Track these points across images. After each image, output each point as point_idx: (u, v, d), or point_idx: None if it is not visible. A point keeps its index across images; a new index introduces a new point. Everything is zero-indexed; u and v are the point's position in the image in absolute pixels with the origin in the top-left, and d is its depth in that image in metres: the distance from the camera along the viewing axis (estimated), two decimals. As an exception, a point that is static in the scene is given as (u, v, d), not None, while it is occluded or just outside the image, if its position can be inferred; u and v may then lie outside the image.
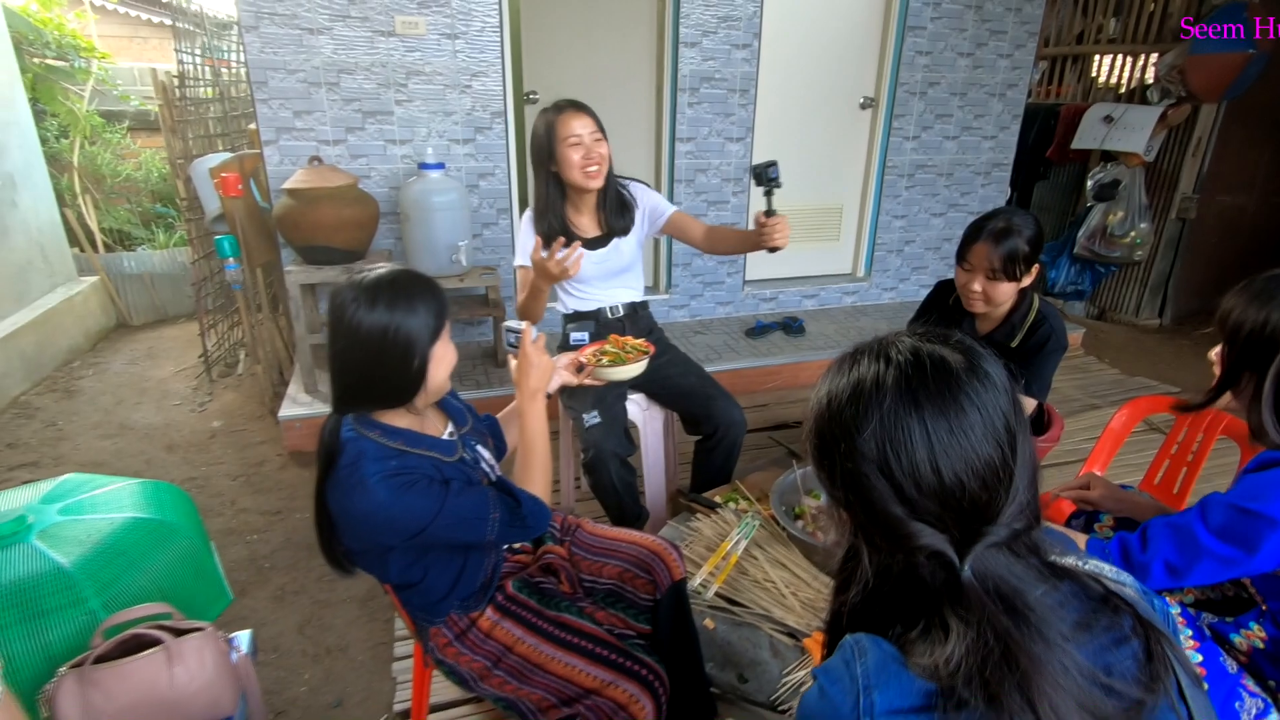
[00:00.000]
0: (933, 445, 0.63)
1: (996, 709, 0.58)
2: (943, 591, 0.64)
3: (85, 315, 4.14)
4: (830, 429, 0.69)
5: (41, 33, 4.63)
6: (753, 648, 1.41)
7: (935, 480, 0.63)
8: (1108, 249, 4.29)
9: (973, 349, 0.68)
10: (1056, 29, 4.86)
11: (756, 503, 1.81)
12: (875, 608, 0.70)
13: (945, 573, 0.64)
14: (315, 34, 2.97)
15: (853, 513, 0.69)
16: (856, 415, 0.66)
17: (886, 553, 0.68)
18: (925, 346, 0.68)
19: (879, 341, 0.71)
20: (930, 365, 0.66)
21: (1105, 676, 0.61)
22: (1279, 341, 1.08)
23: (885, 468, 0.65)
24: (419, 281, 1.18)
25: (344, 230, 2.84)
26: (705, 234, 2.12)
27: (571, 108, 1.92)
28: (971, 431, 0.64)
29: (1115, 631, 0.65)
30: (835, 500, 0.71)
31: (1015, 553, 0.65)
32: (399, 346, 1.13)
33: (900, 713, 0.61)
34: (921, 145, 4.06)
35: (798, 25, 3.69)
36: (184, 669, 1.13)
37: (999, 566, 0.63)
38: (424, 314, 1.15)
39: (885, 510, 0.65)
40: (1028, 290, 1.79)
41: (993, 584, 0.63)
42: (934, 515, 0.64)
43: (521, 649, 1.31)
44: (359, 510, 1.13)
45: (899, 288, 4.37)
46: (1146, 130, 4.01)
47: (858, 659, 0.64)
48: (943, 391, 0.65)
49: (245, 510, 2.55)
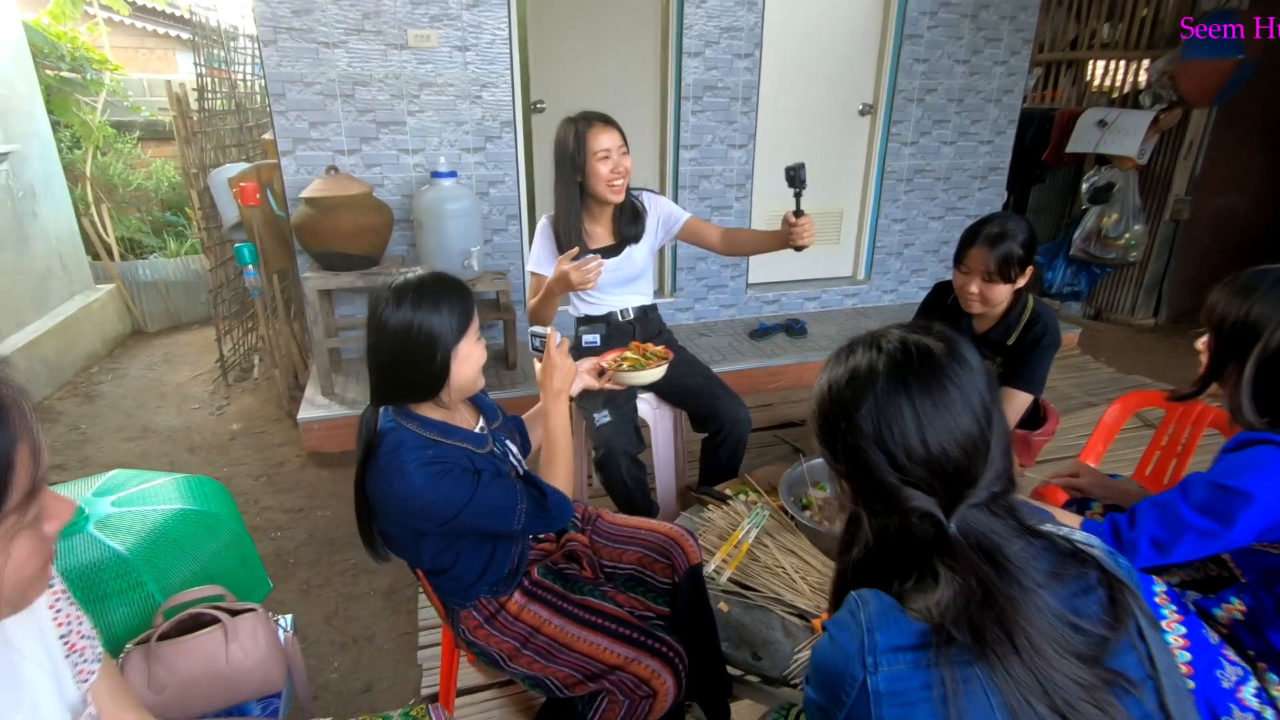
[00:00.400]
0: (920, 420, 0.73)
1: (980, 643, 0.68)
2: (933, 546, 0.74)
3: (103, 322, 4.23)
4: (832, 410, 0.79)
5: (56, 46, 4.73)
6: (765, 628, 1.49)
7: (923, 450, 0.73)
8: (1103, 250, 4.39)
9: (952, 338, 0.79)
10: (1051, 35, 4.97)
11: (765, 495, 1.89)
12: (874, 566, 0.80)
13: (934, 530, 0.74)
14: (331, 48, 3.07)
15: (854, 483, 0.80)
16: (854, 397, 0.76)
17: (883, 516, 0.77)
18: (911, 337, 0.78)
19: (871, 335, 0.81)
20: (916, 352, 0.76)
21: (1074, 617, 0.71)
22: (1259, 332, 1.17)
23: (880, 441, 0.74)
24: (445, 283, 1.26)
25: (360, 237, 2.93)
26: (722, 237, 2.20)
27: (601, 121, 1.98)
28: (953, 407, 0.73)
29: (1083, 581, 0.74)
30: (837, 473, 0.82)
31: (994, 513, 0.75)
32: (421, 343, 1.22)
33: (899, 650, 0.70)
34: (919, 150, 4.16)
35: (798, 35, 3.79)
36: (239, 646, 1.21)
37: (980, 524, 0.73)
38: (447, 313, 1.23)
39: (881, 479, 0.75)
40: (1022, 291, 1.88)
41: (975, 538, 0.72)
42: (923, 481, 0.74)
43: (549, 630, 1.39)
44: (397, 495, 1.21)
45: (899, 290, 4.46)
46: (1139, 134, 4.11)
47: (861, 608, 0.73)
48: (927, 374, 0.75)
49: (268, 508, 2.63)
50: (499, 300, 3.40)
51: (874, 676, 0.69)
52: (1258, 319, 1.17)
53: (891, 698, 0.69)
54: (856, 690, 0.70)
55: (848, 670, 0.71)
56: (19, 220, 3.64)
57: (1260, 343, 1.15)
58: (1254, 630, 1.24)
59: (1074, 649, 0.69)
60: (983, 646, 0.68)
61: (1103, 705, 0.67)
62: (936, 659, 0.69)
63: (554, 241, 2.10)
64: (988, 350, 1.95)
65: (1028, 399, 1.90)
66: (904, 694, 0.69)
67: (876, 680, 0.69)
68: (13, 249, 3.56)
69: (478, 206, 3.23)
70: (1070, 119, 4.51)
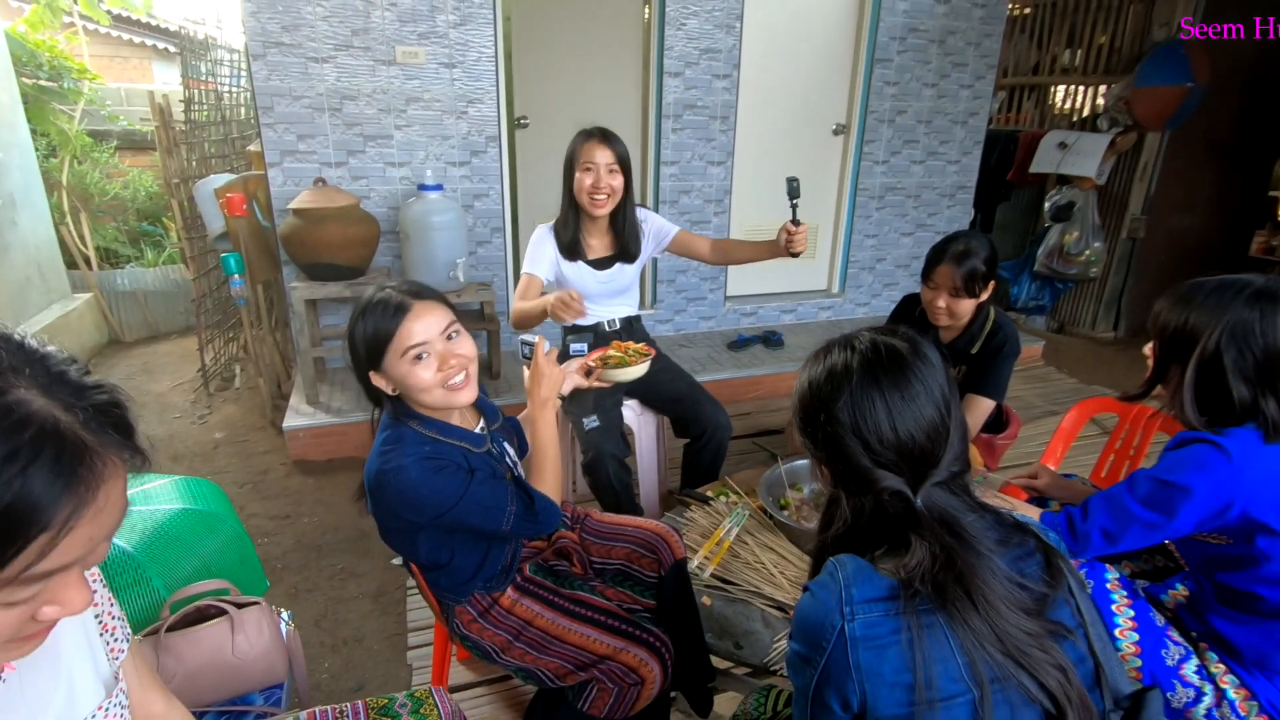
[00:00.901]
0: (891, 411, 0.85)
1: (942, 599, 0.79)
2: (902, 519, 0.85)
3: (80, 332, 4.21)
4: (812, 404, 0.90)
5: (35, 54, 4.72)
6: (746, 620, 1.57)
7: (894, 436, 0.85)
8: (1065, 266, 4.58)
9: (915, 339, 0.90)
10: (1015, 60, 5.19)
11: (745, 496, 1.98)
12: (851, 538, 0.91)
13: (903, 505, 0.85)
14: (320, 63, 3.13)
15: (832, 468, 0.91)
16: (832, 392, 0.88)
17: (859, 495, 0.88)
18: (880, 338, 0.90)
19: (845, 337, 0.93)
20: (885, 351, 0.88)
21: (1020, 578, 0.83)
22: (1197, 337, 1.27)
23: (856, 430, 0.86)
24: (384, 301, 1.27)
25: (348, 248, 2.98)
26: (712, 247, 2.30)
27: (598, 136, 2.07)
28: (918, 399, 0.85)
29: (1024, 548, 0.87)
30: (817, 460, 0.93)
31: (952, 490, 0.86)
32: (356, 355, 1.30)
33: (872, 601, 0.81)
34: (890, 169, 4.31)
35: (774, 57, 3.93)
36: (244, 637, 1.25)
37: (941, 500, 0.85)
38: (373, 323, 1.26)
39: (857, 463, 0.86)
40: (985, 303, 2.00)
41: (938, 513, 0.84)
42: (893, 464, 0.85)
43: (540, 623, 1.45)
44: (392, 486, 1.27)
45: (871, 303, 4.60)
46: (1098, 156, 4.31)
47: (840, 569, 0.83)
48: (896, 370, 0.86)
49: (254, 515, 2.65)
50: (483, 311, 3.46)
51: (851, 624, 0.79)
52: (1195, 325, 1.27)
53: (866, 641, 0.78)
54: (835, 636, 0.80)
55: (828, 620, 0.80)
56: (-2, 229, 3.62)
57: (1198, 347, 1.26)
58: (1196, 613, 1.34)
59: (1021, 604, 0.80)
60: (944, 601, 0.78)
61: (1047, 649, 0.79)
62: (904, 608, 0.79)
63: (554, 246, 2.17)
64: (952, 359, 2.07)
65: (991, 404, 2.01)
66: (877, 639, 0.78)
67: (853, 626, 0.79)
68: (-9, 257, 3.55)
69: (463, 219, 3.30)
70: (1033, 140, 4.72)
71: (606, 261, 2.24)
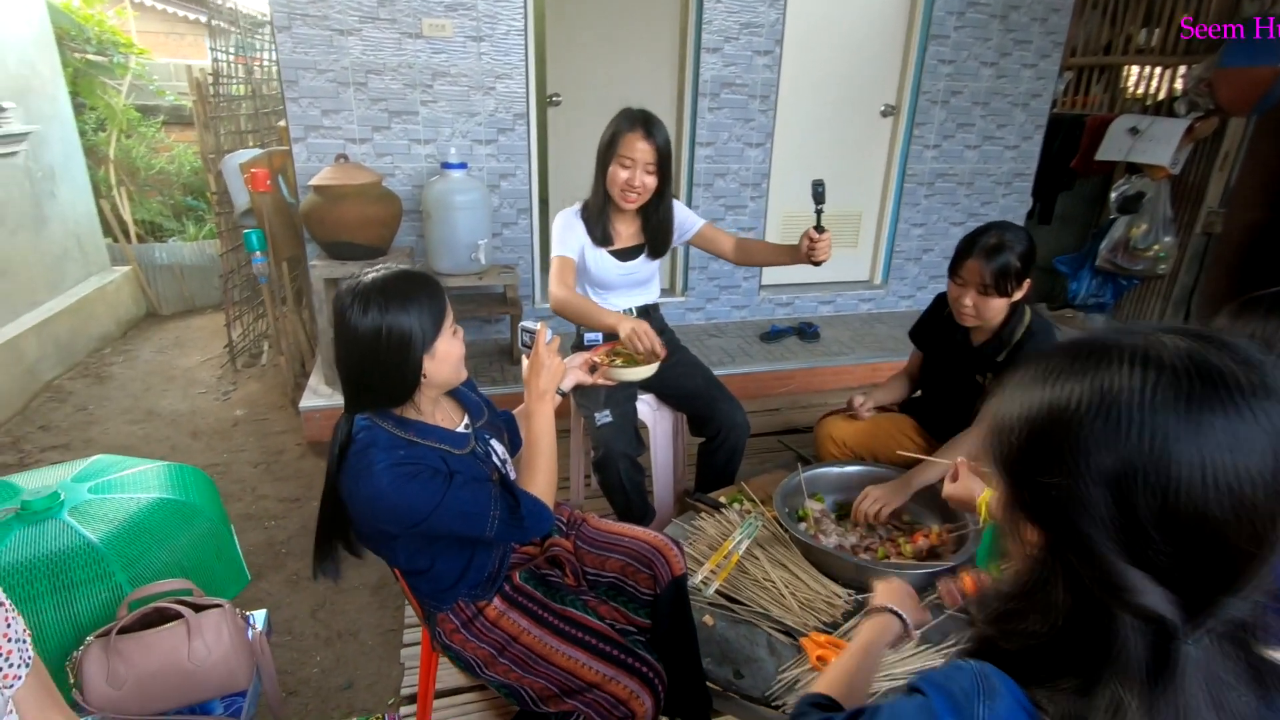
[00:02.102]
0: (1204, 471, 0.50)
1: None
2: (1142, 665, 0.52)
3: (117, 304, 4.27)
4: (1055, 441, 0.56)
5: (83, 29, 4.78)
6: (750, 645, 1.44)
7: (1191, 516, 0.51)
8: (1130, 262, 4.25)
9: (1261, 362, 0.55)
10: (1084, 39, 4.83)
11: (760, 504, 1.84)
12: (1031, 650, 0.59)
13: (1151, 642, 0.52)
14: (345, 35, 3.05)
15: (1053, 545, 0.57)
16: (1105, 429, 0.53)
17: (1078, 597, 0.55)
18: (1203, 350, 0.54)
19: (1132, 341, 0.56)
20: (1214, 373, 0.53)
21: None
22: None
23: (1122, 493, 0.52)
24: (413, 281, 1.20)
25: (367, 227, 2.91)
26: (735, 246, 2.17)
27: (641, 126, 1.88)
28: (1247, 461, 0.50)
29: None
30: (1023, 514, 0.60)
31: (1237, 645, 0.53)
32: (393, 348, 1.16)
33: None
34: (942, 154, 4.05)
35: (820, 32, 3.71)
36: (202, 643, 1.18)
37: (1216, 661, 0.52)
38: (417, 313, 1.17)
39: (1102, 552, 0.53)
40: (1019, 304, 1.80)
41: (1203, 676, 0.51)
42: (1161, 566, 0.52)
43: (526, 639, 1.34)
44: (363, 496, 1.17)
45: (916, 296, 4.36)
46: (1173, 143, 3.97)
47: (983, 698, 0.55)
48: (1227, 406, 0.51)
49: (264, 497, 2.62)
50: (506, 295, 3.37)
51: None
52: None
53: None
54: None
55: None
56: (37, 201, 3.67)
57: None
58: None
59: None
60: None
61: None
62: None
63: (582, 228, 2.05)
64: (979, 366, 1.88)
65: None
66: None
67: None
68: (30, 229, 3.59)
69: (487, 199, 3.20)
70: (1101, 125, 4.38)
71: (631, 253, 2.11)
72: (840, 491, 1.89)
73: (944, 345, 1.98)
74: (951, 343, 1.94)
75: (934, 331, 2.03)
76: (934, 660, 1.36)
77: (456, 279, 3.13)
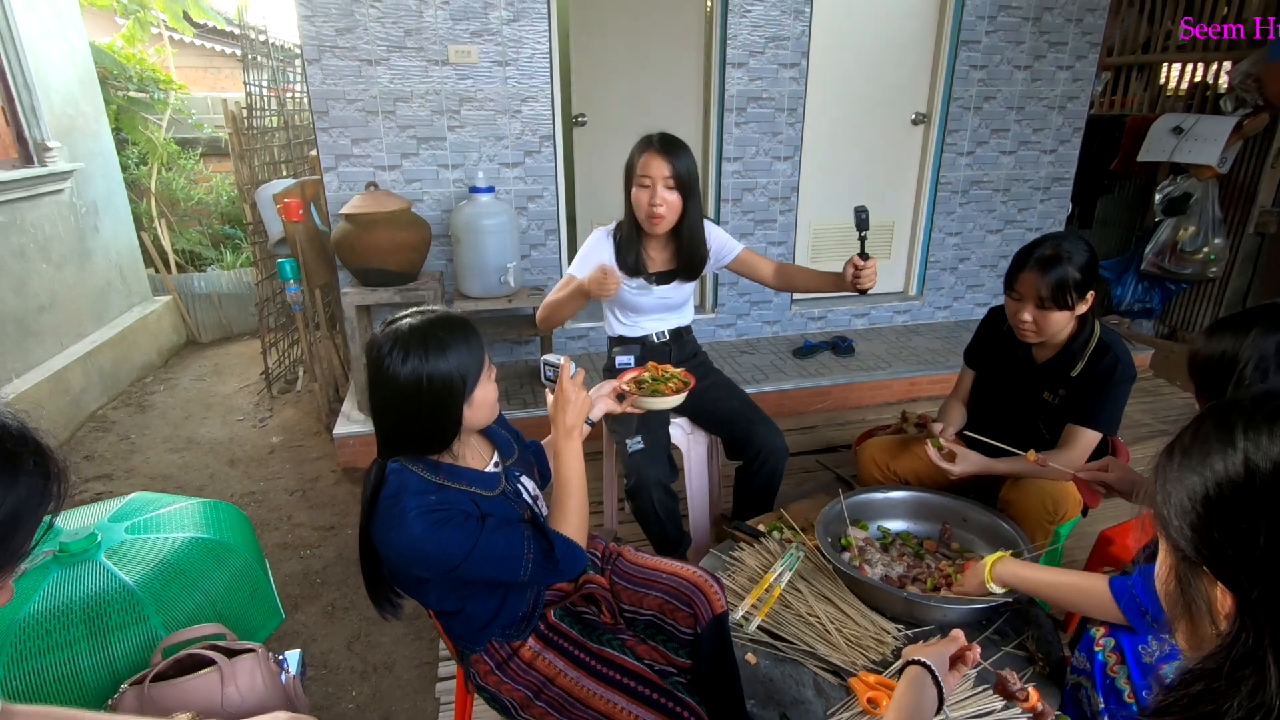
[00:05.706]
0: None
1: None
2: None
3: (159, 333, 4.36)
4: (1257, 501, 0.51)
5: (125, 67, 4.94)
6: (796, 685, 1.38)
7: None
8: (1178, 265, 4.09)
9: None
10: (1121, 37, 4.69)
11: (801, 532, 1.77)
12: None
13: None
14: (374, 65, 3.09)
15: (1248, 599, 0.50)
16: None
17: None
18: None
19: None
20: None
21: None
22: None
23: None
24: (452, 326, 1.17)
25: (398, 253, 2.93)
26: (775, 271, 2.13)
27: (659, 147, 1.89)
28: None
29: None
30: (1216, 579, 0.53)
31: None
32: (435, 398, 1.14)
33: None
34: (976, 160, 3.96)
35: (847, 43, 3.65)
36: (235, 689, 1.17)
37: None
38: (457, 359, 1.15)
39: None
40: (1086, 316, 1.72)
41: None
42: None
43: (563, 681, 1.30)
44: (395, 543, 1.15)
45: (953, 306, 4.25)
46: (1220, 141, 3.82)
47: None
48: None
49: (300, 525, 2.63)
50: (535, 316, 3.35)
51: None
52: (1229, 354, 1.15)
53: None
54: None
55: None
56: (81, 235, 3.77)
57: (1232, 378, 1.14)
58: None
59: None
60: None
61: None
62: None
63: (612, 250, 2.04)
64: (1049, 383, 1.79)
65: (1096, 438, 1.73)
66: None
67: None
68: (75, 263, 3.70)
69: (515, 222, 3.20)
70: (1142, 125, 4.23)
71: (665, 276, 2.08)
72: (885, 518, 1.82)
73: (1004, 363, 1.88)
74: (1013, 360, 1.85)
75: (992, 350, 1.93)
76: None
77: (486, 302, 3.13)
